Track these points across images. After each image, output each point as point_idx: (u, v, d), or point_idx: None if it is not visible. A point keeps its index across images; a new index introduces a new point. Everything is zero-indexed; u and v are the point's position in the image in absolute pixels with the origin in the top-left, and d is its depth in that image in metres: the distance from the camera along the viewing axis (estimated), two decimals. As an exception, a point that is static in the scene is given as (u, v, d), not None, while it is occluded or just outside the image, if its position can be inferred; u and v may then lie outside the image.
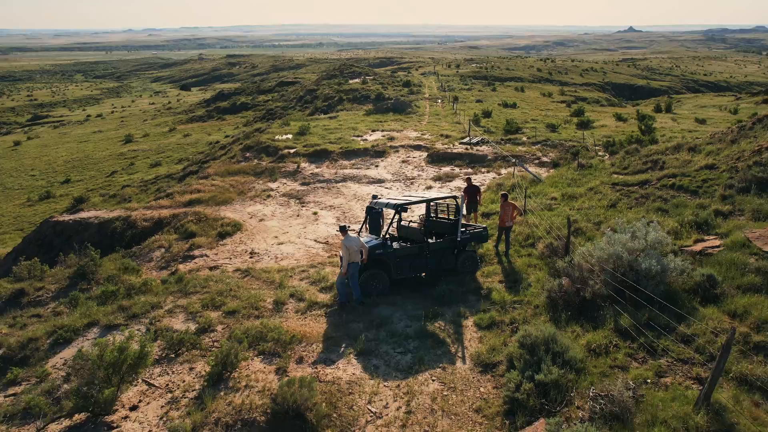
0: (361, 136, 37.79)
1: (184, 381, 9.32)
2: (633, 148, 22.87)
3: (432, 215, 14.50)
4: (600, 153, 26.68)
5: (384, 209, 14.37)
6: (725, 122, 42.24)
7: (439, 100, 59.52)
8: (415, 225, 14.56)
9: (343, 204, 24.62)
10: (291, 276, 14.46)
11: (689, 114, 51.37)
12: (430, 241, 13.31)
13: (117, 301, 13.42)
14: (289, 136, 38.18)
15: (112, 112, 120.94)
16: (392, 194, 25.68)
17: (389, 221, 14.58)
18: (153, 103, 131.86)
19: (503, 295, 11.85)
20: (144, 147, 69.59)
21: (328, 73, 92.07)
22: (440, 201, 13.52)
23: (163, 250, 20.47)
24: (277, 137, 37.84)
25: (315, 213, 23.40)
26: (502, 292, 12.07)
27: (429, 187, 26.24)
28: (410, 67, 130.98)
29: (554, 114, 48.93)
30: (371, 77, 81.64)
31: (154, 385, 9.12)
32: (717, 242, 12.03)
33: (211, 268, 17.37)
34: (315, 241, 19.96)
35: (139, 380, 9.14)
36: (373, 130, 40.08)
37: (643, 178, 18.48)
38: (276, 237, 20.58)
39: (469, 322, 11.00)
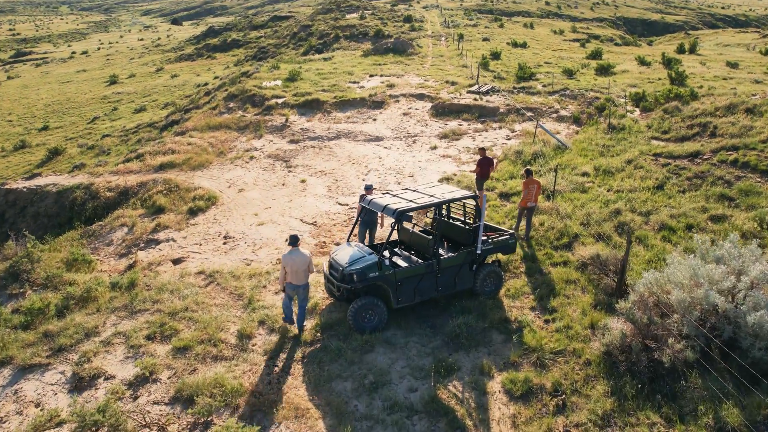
0: (358, 83, 34.11)
1: None
2: (673, 106, 19.53)
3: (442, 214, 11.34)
4: (629, 108, 23.29)
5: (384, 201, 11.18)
6: (759, 66, 38.37)
7: (443, 38, 55.01)
8: (420, 228, 11.48)
9: (335, 169, 21.52)
10: (265, 285, 11.60)
11: (715, 55, 47.19)
12: (441, 252, 10.33)
13: (45, 323, 10.64)
14: (278, 82, 34.49)
15: (99, 49, 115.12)
16: (392, 156, 22.57)
17: (389, 230, 11.33)
18: (142, 39, 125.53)
19: (539, 337, 8.98)
20: (129, 89, 65.49)
21: (324, 7, 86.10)
22: (456, 201, 10.45)
23: (125, 229, 17.60)
24: (264, 83, 34.17)
25: (303, 181, 20.36)
26: (536, 330, 9.20)
27: (434, 147, 23.09)
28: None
29: (569, 56, 44.83)
30: (370, 11, 76.15)
31: None
32: (820, 258, 9.12)
33: (174, 261, 14.55)
34: (301, 221, 17.04)
35: None
36: (371, 75, 36.29)
37: (693, 149, 15.34)
38: (256, 214, 17.65)
39: (495, 385, 8.18)
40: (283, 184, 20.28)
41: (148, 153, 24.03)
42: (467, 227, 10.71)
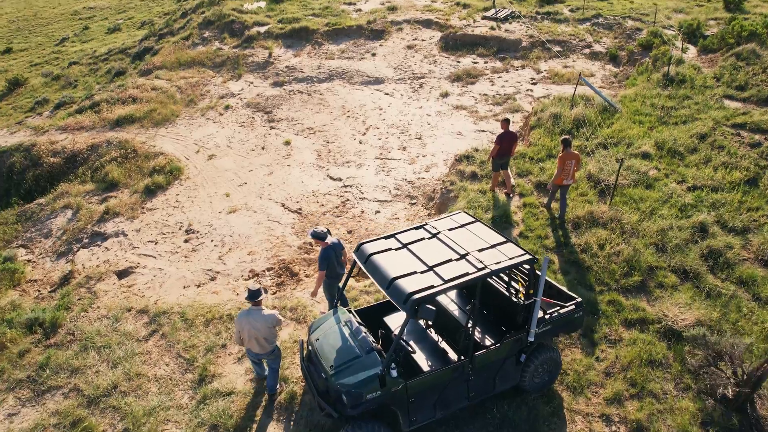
0: (354, 4, 29.39)
1: None
2: (748, 50, 15.56)
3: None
4: (681, 45, 19.16)
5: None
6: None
7: (451, -56, 48.62)
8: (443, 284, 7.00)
9: (327, 125, 17.89)
10: (224, 345, 8.47)
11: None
12: (476, 334, 6.93)
13: None
14: (262, 4, 29.76)
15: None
16: (395, 106, 18.83)
17: (399, 326, 7.20)
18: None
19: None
20: (102, 3, 59.45)
21: None
22: (504, 271, 6.49)
23: (69, 214, 14.39)
24: (245, 6, 29.47)
25: (287, 143, 16.82)
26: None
27: (444, 94, 19.31)
28: None
29: (595, -34, 39.24)
30: None
31: None
32: None
33: (119, 274, 11.45)
34: (282, 206, 13.75)
35: None
36: (370, -6, 31.36)
37: (788, 121, 11.73)
38: (227, 195, 14.32)
39: None
40: (263, 148, 16.75)
41: (105, 102, 20.23)
42: (516, 300, 7.18)
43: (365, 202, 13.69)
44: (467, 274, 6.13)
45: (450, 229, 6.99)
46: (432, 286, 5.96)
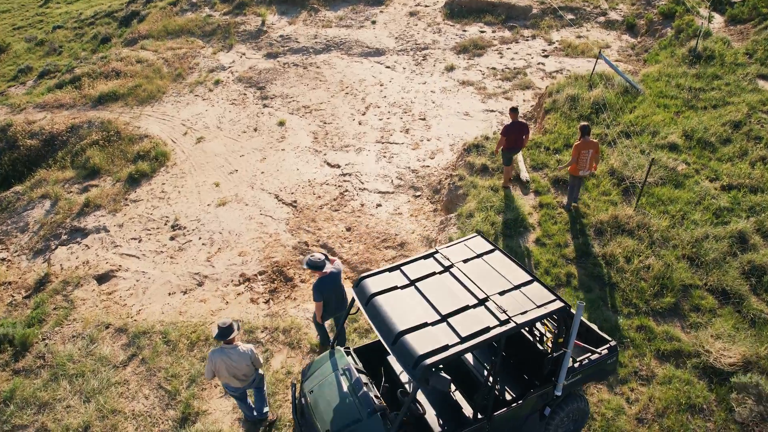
0: (353, -35, 27.54)
1: None
2: (781, 22, 14.25)
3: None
4: (706, 13, 17.77)
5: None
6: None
7: None
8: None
9: (324, 103, 16.69)
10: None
11: None
12: (495, 387, 5.53)
13: None
14: (254, -35, 27.87)
15: None
16: (397, 81, 17.60)
17: (407, 391, 6.21)
18: None
19: None
20: (89, -41, 56.73)
21: None
22: (535, 322, 5.50)
23: (47, 205, 13.41)
24: (237, -33, 27.61)
25: (281, 123, 15.67)
26: None
27: (450, 68, 18.05)
28: None
29: None
30: None
31: None
32: None
33: (99, 279, 10.55)
34: (276, 198, 12.74)
35: None
36: (369, -47, 29.45)
37: (832, 109, 10.60)
38: (217, 184, 13.30)
39: None
40: (256, 129, 15.62)
41: (87, 76, 18.92)
42: (542, 347, 6.28)
43: (365, 193, 12.68)
44: (488, 329, 5.14)
45: (465, 261, 5.98)
46: (446, 347, 4.96)
